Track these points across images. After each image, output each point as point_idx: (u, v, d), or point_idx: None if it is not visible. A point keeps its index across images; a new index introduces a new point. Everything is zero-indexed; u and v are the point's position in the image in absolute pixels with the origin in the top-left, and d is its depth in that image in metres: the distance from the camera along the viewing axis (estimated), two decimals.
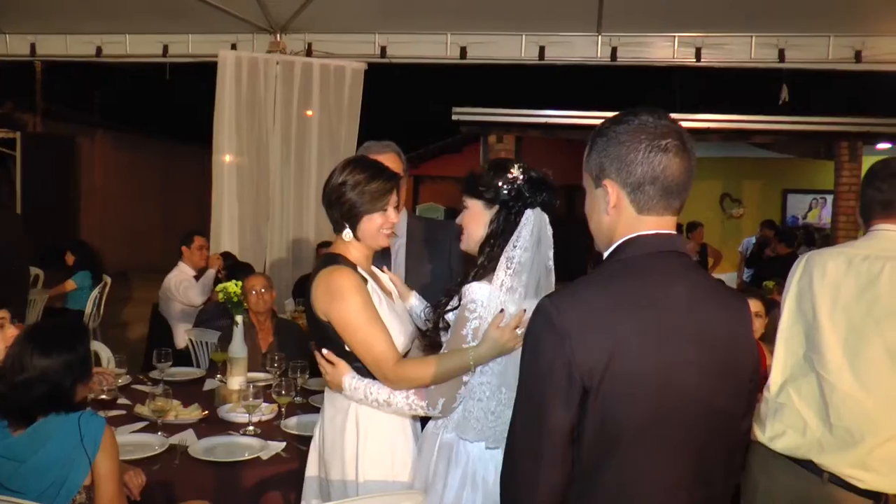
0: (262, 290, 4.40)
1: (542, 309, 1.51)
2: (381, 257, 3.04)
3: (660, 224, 1.56)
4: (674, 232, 1.58)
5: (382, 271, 2.70)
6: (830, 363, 2.23)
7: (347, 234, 2.44)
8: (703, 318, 1.52)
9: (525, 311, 2.13)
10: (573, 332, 1.45)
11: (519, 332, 2.15)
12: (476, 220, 2.37)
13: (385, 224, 2.44)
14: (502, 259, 2.25)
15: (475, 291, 2.24)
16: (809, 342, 2.31)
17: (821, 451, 2.21)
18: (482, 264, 2.31)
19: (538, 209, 2.32)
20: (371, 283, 2.45)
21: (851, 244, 2.38)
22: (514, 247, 2.26)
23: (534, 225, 2.29)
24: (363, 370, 2.36)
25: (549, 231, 2.35)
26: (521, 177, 2.32)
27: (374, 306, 2.34)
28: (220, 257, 6.20)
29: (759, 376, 1.73)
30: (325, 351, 2.40)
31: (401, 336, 2.42)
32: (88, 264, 7.35)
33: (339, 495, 2.40)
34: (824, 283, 2.28)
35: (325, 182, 2.47)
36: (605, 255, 1.61)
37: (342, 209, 2.43)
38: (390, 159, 2.99)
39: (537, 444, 1.49)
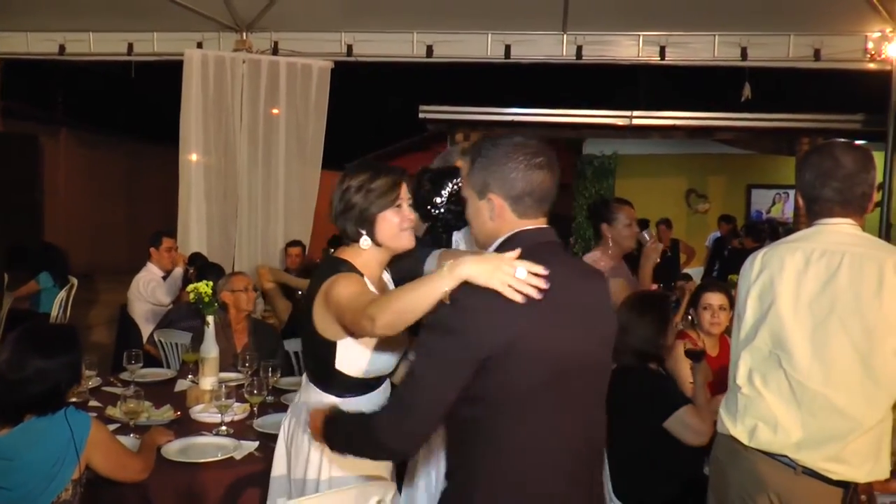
0: (250, 289, 4.43)
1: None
2: None
3: (535, 224, 1.84)
4: (547, 226, 1.86)
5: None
6: (799, 362, 2.23)
7: (365, 241, 2.33)
8: (580, 293, 1.82)
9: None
10: (478, 313, 1.68)
11: (521, 273, 1.95)
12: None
13: (403, 221, 2.33)
14: None
15: None
16: (775, 340, 2.30)
17: (796, 448, 2.22)
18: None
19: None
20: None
21: (804, 237, 2.35)
22: None
23: (466, 244, 2.36)
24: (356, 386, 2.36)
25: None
26: (444, 201, 2.38)
27: (369, 293, 2.25)
28: (184, 257, 6.19)
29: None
30: None
31: (390, 355, 2.39)
32: (49, 265, 7.27)
33: (300, 494, 2.40)
34: (783, 279, 2.29)
35: (330, 201, 2.38)
36: (492, 248, 1.85)
37: (354, 215, 2.32)
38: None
39: (429, 405, 1.72)
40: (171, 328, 4.94)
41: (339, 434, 1.97)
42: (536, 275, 1.67)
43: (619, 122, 9.96)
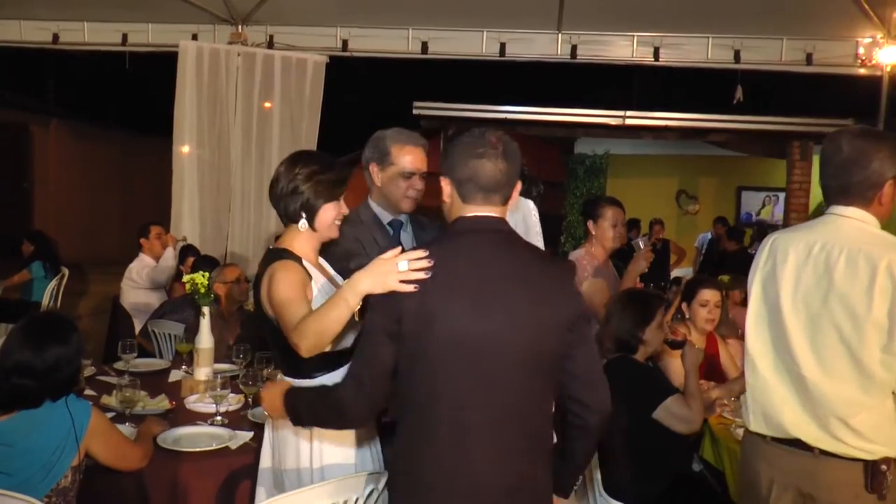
0: (242, 281, 4.47)
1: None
2: None
3: (481, 210, 1.98)
4: (495, 215, 1.99)
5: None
6: (796, 352, 2.29)
7: (304, 224, 2.48)
8: (507, 275, 1.92)
9: (402, 248, 2.01)
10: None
11: (402, 266, 1.92)
12: None
13: (338, 215, 2.52)
14: None
15: None
16: (774, 330, 2.36)
17: (804, 430, 2.28)
18: None
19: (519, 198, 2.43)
20: (317, 277, 2.49)
21: (810, 228, 2.40)
22: None
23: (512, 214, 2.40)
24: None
25: (534, 218, 2.59)
26: None
27: (303, 289, 2.38)
28: (174, 237, 6.24)
29: (586, 323, 2.06)
30: None
31: (350, 332, 2.38)
32: (42, 254, 7.26)
33: (294, 484, 2.43)
34: (786, 269, 2.34)
35: (273, 178, 2.51)
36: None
37: (299, 200, 2.45)
38: (417, 153, 3.00)
39: (374, 371, 1.95)
40: (163, 319, 4.96)
41: (303, 407, 2.14)
42: (422, 258, 1.89)
43: (612, 121, 10.00)
